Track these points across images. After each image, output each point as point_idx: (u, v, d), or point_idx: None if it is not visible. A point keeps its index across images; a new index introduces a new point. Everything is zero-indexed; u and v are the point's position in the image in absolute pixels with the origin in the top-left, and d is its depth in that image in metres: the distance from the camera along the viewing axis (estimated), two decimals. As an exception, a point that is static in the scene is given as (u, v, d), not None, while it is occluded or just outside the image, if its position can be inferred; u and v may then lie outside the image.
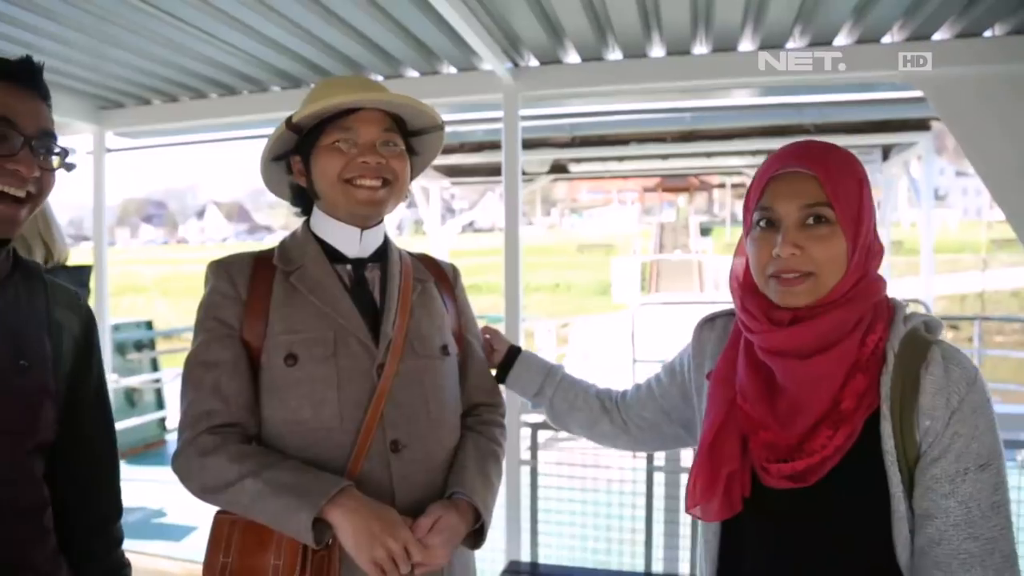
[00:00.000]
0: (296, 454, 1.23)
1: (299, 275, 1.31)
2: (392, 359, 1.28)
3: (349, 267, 1.35)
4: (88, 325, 1.25)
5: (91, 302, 1.57)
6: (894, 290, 1.11)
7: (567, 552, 3.10)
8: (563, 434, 6.52)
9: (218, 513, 1.24)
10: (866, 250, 1.03)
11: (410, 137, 1.39)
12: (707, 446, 1.10)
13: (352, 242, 1.35)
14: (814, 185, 1.02)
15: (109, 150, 3.84)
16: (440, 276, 1.48)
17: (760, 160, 6.65)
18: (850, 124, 5.68)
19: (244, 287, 1.30)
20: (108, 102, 3.68)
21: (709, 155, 6.24)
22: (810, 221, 1.02)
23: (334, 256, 1.35)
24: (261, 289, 1.30)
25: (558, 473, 3.24)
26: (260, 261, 1.34)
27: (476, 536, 1.29)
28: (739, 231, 1.16)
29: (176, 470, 1.24)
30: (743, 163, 6.87)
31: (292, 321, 1.27)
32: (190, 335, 1.37)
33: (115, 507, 1.30)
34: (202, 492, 1.22)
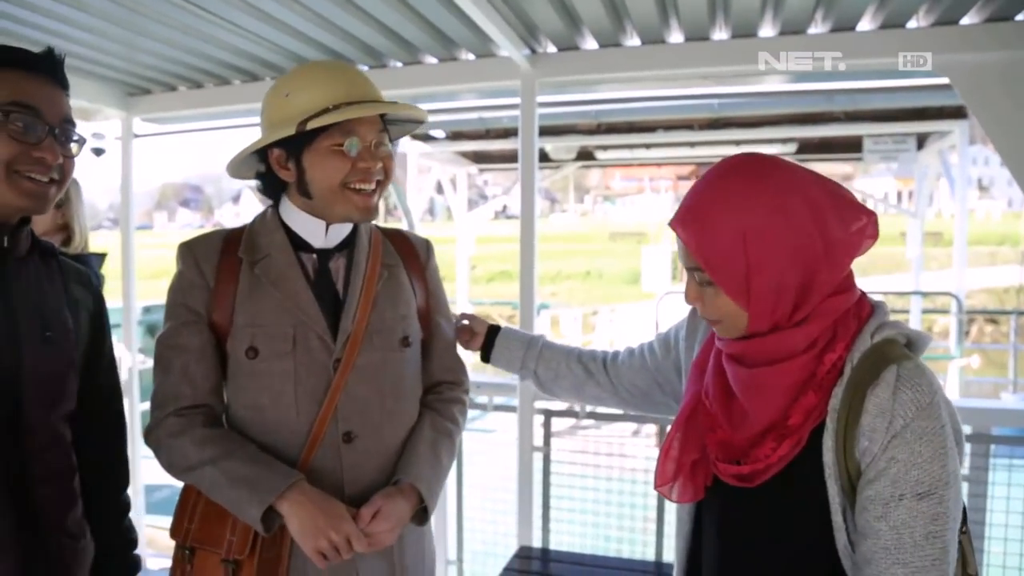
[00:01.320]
0: (255, 439, 1.32)
1: (264, 266, 1.34)
2: (349, 354, 1.32)
3: (314, 256, 1.38)
4: (99, 301, 1.36)
5: (117, 287, 1.66)
6: (929, 283, 1.09)
7: (578, 539, 3.11)
8: (584, 422, 6.53)
9: (186, 485, 1.35)
10: (774, 301, 0.99)
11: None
12: (678, 428, 1.13)
13: (318, 234, 1.37)
14: (687, 249, 1.03)
15: (136, 135, 3.91)
16: (410, 256, 1.49)
17: (790, 149, 6.57)
18: (882, 112, 5.56)
19: (211, 274, 1.35)
20: (136, 89, 3.75)
21: (738, 143, 6.16)
22: (701, 281, 1.04)
23: (300, 244, 1.37)
24: (228, 275, 1.35)
25: (571, 460, 3.25)
26: (229, 244, 1.38)
27: (422, 514, 1.36)
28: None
29: (148, 444, 1.35)
30: (773, 151, 6.77)
31: (254, 314, 1.32)
32: None
33: (125, 475, 1.41)
34: (168, 469, 1.33)
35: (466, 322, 1.66)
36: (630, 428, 5.76)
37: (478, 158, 7.95)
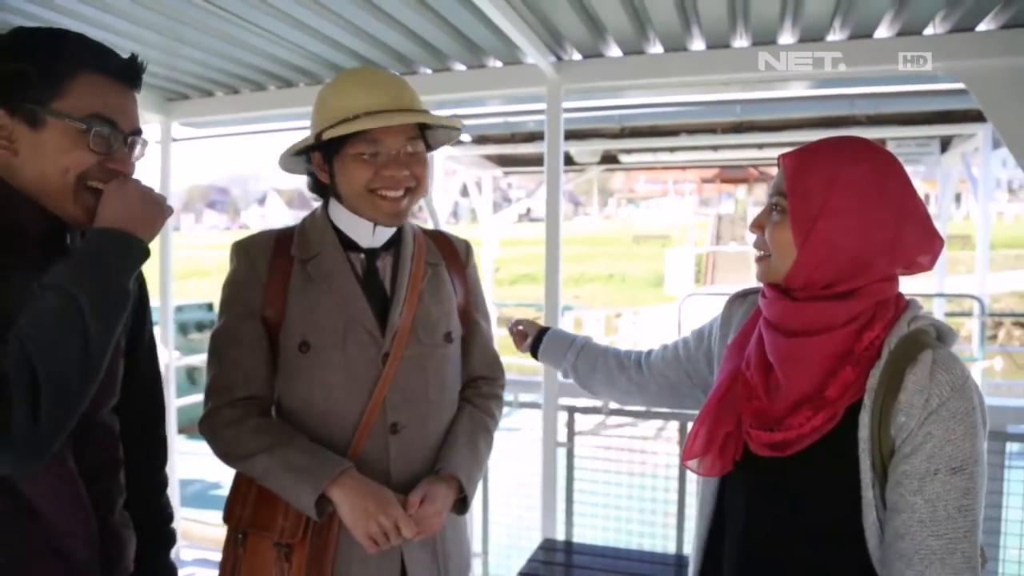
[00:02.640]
0: (305, 429, 1.38)
1: (315, 264, 1.41)
2: (397, 348, 1.39)
3: (362, 256, 1.45)
4: (141, 287, 1.34)
5: (154, 286, 1.68)
6: (957, 287, 1.15)
7: (600, 532, 3.19)
8: (608, 421, 6.59)
9: (237, 472, 1.41)
10: (827, 255, 1.07)
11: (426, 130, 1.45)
12: (712, 406, 1.19)
13: (366, 235, 1.44)
14: (782, 176, 1.11)
15: (175, 139, 4.05)
16: (452, 256, 1.57)
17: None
18: (904, 115, 5.57)
19: (264, 271, 1.41)
20: (174, 94, 3.89)
21: (760, 146, 6.21)
22: (775, 205, 1.12)
23: (348, 244, 1.44)
24: (280, 272, 1.41)
25: (594, 456, 3.33)
26: (280, 243, 1.45)
27: (462, 504, 1.43)
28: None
29: (202, 433, 1.41)
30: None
31: (306, 309, 1.39)
32: None
33: (164, 454, 1.42)
34: (223, 458, 1.39)
35: (521, 327, 1.77)
36: (653, 427, 5.81)
37: (503, 161, 8.04)
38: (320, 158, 1.40)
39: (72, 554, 1.10)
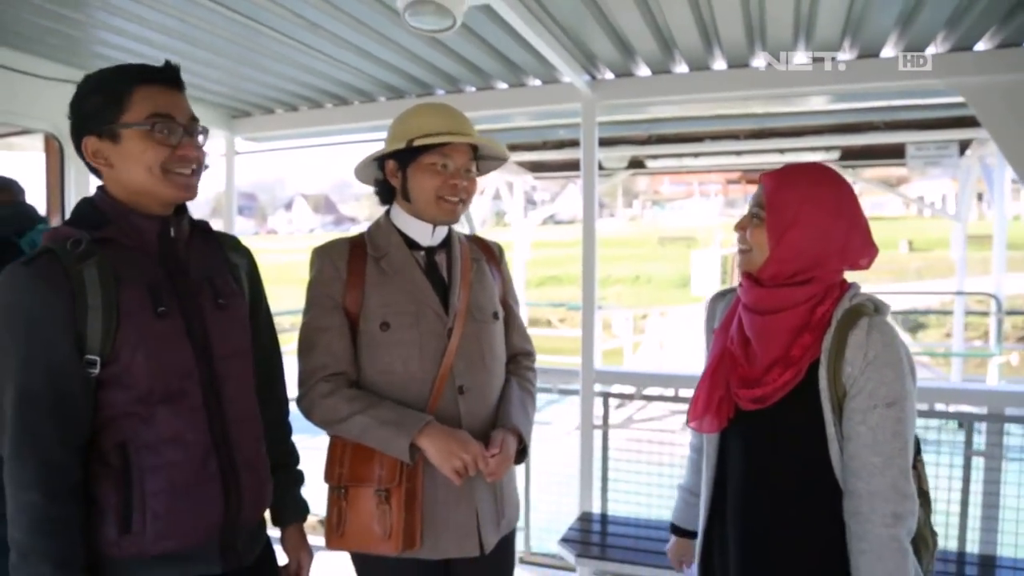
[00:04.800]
0: (387, 395, 1.68)
1: (387, 260, 1.73)
2: (458, 324, 1.72)
3: (423, 253, 1.76)
4: (251, 260, 1.62)
5: None
6: (977, 286, 1.49)
7: (634, 507, 3.48)
8: (639, 415, 6.86)
9: (332, 438, 1.71)
10: (792, 254, 1.40)
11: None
12: (706, 376, 1.53)
13: (426, 235, 1.77)
14: (762, 191, 1.45)
15: (238, 153, 4.41)
16: (489, 254, 1.91)
17: (833, 156, 6.82)
18: (922, 121, 5.76)
19: (344, 268, 1.72)
20: (238, 111, 4.24)
21: (782, 151, 6.43)
22: (755, 214, 1.45)
23: (410, 244, 1.76)
24: (357, 268, 1.73)
25: (627, 436, 3.62)
26: (354, 246, 1.77)
27: (521, 453, 1.75)
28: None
29: (301, 408, 1.71)
30: (817, 159, 7.01)
31: (384, 297, 1.70)
32: (285, 318, 1.81)
33: (287, 405, 1.72)
34: (322, 424, 1.70)
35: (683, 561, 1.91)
36: (678, 422, 6.08)
37: (533, 167, 8.33)
38: (395, 166, 1.73)
39: (202, 486, 1.35)
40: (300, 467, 1.72)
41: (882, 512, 1.33)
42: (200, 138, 1.40)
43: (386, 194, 1.80)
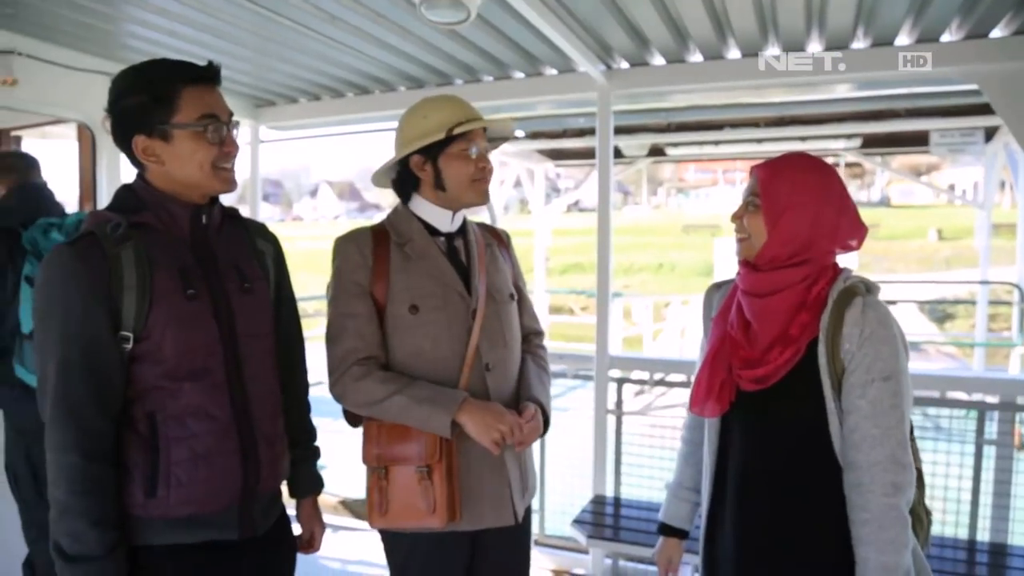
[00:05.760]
0: (417, 374, 1.75)
1: (411, 246, 1.80)
2: (481, 305, 1.79)
3: (442, 239, 1.84)
4: (277, 247, 1.70)
5: None
6: (1000, 276, 1.53)
7: (646, 491, 3.54)
8: (658, 402, 6.92)
9: (366, 420, 1.77)
10: (789, 236, 1.47)
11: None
12: (707, 362, 1.59)
13: (445, 222, 1.84)
14: (757, 183, 1.51)
15: (262, 141, 4.51)
16: (498, 239, 1.99)
17: (855, 144, 6.77)
18: (946, 108, 5.70)
19: (369, 254, 1.79)
20: (263, 101, 4.33)
21: (803, 139, 6.41)
22: (750, 202, 1.51)
23: (430, 230, 1.83)
24: (381, 255, 1.79)
25: (642, 422, 3.68)
26: (376, 234, 1.84)
27: (545, 425, 1.82)
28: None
29: (335, 394, 1.77)
30: (839, 147, 6.98)
31: (410, 281, 1.77)
32: (310, 304, 1.90)
33: (307, 383, 1.80)
34: (356, 407, 1.75)
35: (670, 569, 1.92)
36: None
37: (554, 155, 8.36)
38: (422, 160, 1.78)
39: (220, 458, 1.43)
40: (316, 444, 1.80)
41: (882, 482, 1.39)
42: (236, 130, 1.49)
43: (404, 188, 1.86)
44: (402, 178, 1.85)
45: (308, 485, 1.77)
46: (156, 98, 1.39)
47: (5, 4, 2.70)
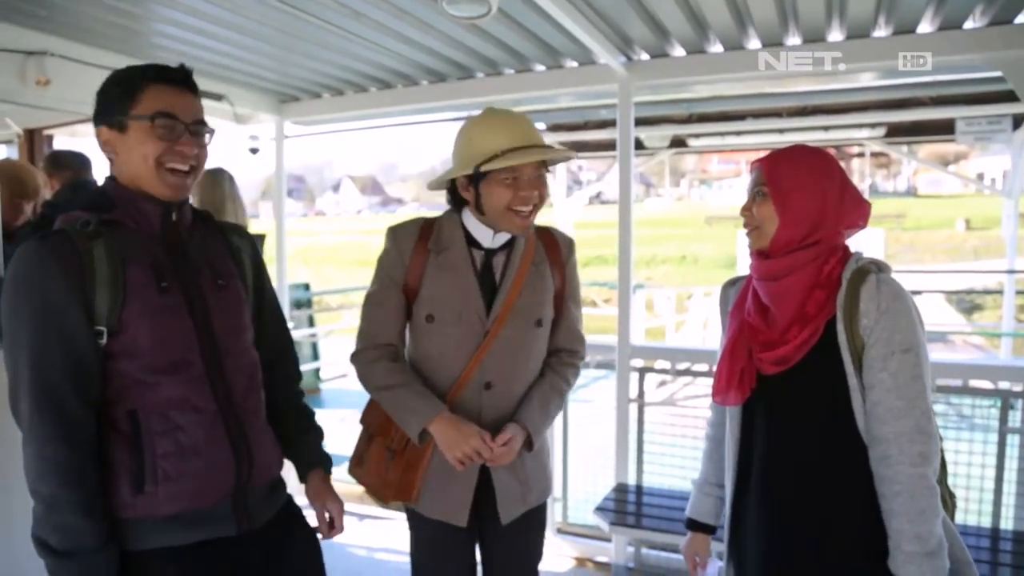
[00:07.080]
0: (421, 376, 1.88)
1: (445, 256, 1.86)
2: (495, 328, 1.84)
3: (483, 252, 1.87)
4: (255, 246, 1.72)
5: (271, 264, 2.09)
6: None
7: (668, 480, 3.57)
8: (680, 392, 6.92)
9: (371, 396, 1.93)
10: (799, 216, 1.50)
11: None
12: (727, 352, 1.62)
13: (487, 238, 1.87)
14: (762, 173, 1.55)
15: (287, 136, 4.57)
16: (554, 252, 1.97)
17: (879, 133, 6.71)
18: (972, 95, 5.64)
19: (408, 254, 1.87)
20: (287, 96, 4.39)
21: (827, 128, 6.37)
22: (757, 192, 1.54)
23: (473, 242, 1.87)
24: (419, 256, 1.87)
25: (662, 411, 3.71)
26: (423, 232, 1.90)
27: (529, 444, 1.87)
28: (879, 201, 1.73)
29: (352, 362, 1.93)
30: (862, 136, 6.93)
31: (434, 290, 1.86)
32: (334, 298, 1.99)
33: (296, 370, 1.85)
34: (363, 384, 1.90)
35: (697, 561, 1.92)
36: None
37: (575, 147, 8.28)
38: (466, 181, 1.82)
39: (210, 453, 1.44)
40: (316, 422, 1.84)
41: (909, 452, 1.41)
42: (206, 137, 1.50)
43: (457, 200, 1.89)
44: (452, 191, 1.89)
45: (308, 458, 1.78)
46: (122, 92, 1.44)
47: (38, 6, 2.78)
